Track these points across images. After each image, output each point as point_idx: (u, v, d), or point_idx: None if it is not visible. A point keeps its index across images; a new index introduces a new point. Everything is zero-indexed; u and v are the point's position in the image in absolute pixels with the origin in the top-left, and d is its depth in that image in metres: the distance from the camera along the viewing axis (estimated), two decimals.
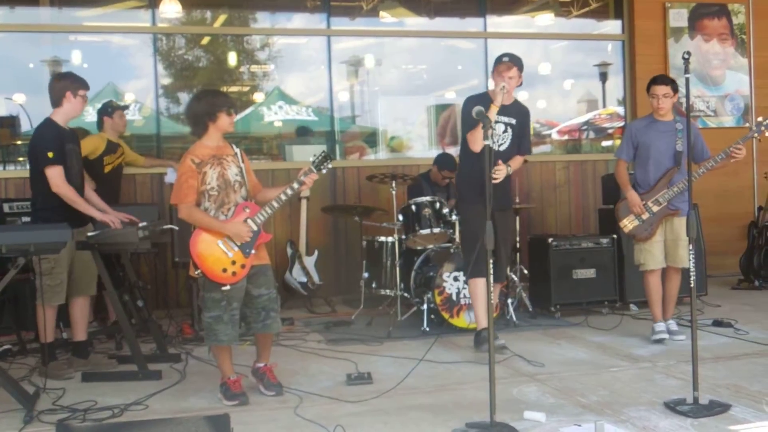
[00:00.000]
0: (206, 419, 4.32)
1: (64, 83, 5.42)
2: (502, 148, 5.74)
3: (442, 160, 7.72)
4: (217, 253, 4.63)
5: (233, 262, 4.64)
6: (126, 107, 7.42)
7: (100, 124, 7.01)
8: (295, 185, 4.75)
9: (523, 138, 5.88)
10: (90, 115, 7.84)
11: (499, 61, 5.70)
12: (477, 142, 5.57)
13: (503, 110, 5.64)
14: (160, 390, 4.99)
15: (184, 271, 7.03)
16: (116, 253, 6.12)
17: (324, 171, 4.81)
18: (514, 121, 5.78)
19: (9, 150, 8.10)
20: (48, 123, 5.42)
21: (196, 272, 4.66)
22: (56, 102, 5.42)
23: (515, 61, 5.67)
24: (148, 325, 6.16)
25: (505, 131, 5.76)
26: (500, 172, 5.61)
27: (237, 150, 4.87)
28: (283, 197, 4.75)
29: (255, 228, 4.70)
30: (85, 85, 5.47)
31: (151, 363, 5.49)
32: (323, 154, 4.79)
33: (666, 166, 6.05)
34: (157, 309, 7.23)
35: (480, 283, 5.62)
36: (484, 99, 5.57)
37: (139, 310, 6.23)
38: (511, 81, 5.62)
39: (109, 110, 6.99)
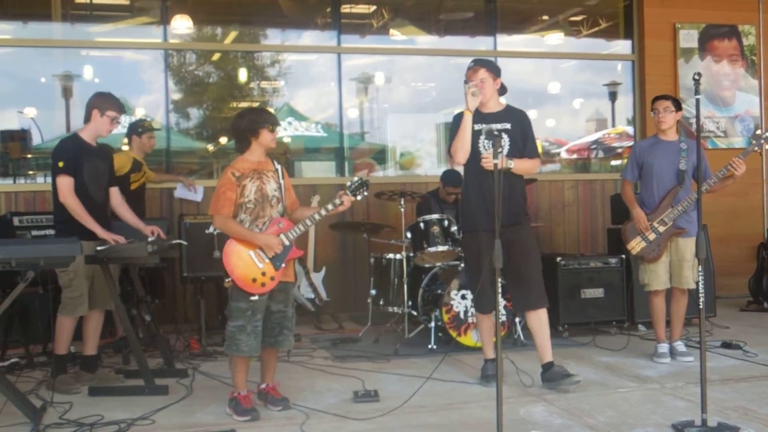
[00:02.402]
0: None
1: (95, 101, 5.53)
2: None
3: (447, 176, 7.74)
4: (248, 263, 4.71)
5: (263, 273, 4.72)
6: (157, 129, 7.48)
7: (129, 140, 7.10)
8: (330, 206, 4.85)
9: (525, 141, 5.39)
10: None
11: (467, 69, 5.41)
12: (457, 151, 5.32)
13: (493, 117, 5.34)
14: (167, 405, 4.98)
15: (193, 285, 7.06)
16: (125, 267, 6.14)
17: (359, 197, 4.91)
18: (508, 126, 5.34)
19: (19, 164, 8.14)
20: (71, 136, 5.62)
21: (227, 280, 4.74)
22: (85, 118, 5.55)
23: (481, 63, 5.38)
24: (156, 339, 6.17)
25: None
26: (487, 159, 5.13)
27: (278, 167, 4.98)
28: (317, 216, 4.86)
29: (287, 243, 4.79)
30: (115, 107, 5.53)
31: (158, 378, 5.48)
32: (360, 180, 4.90)
33: (669, 185, 6.03)
34: (164, 324, 7.23)
35: (483, 318, 5.48)
36: (474, 113, 5.31)
37: (147, 325, 6.23)
38: (484, 84, 5.29)
39: (139, 130, 7.08)
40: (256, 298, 4.70)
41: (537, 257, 5.47)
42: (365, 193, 4.92)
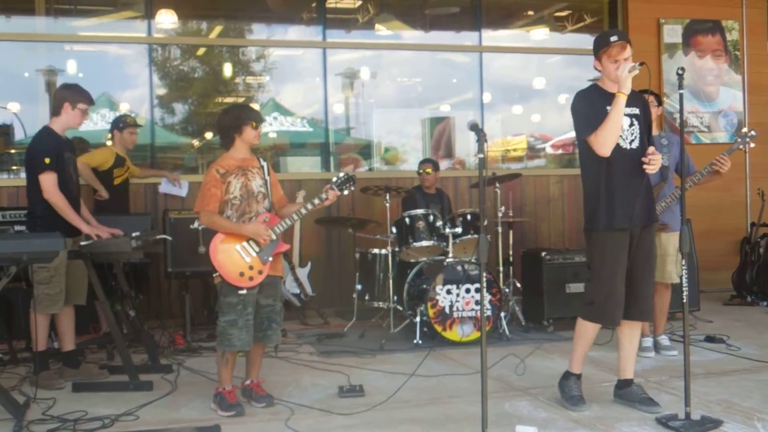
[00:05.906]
0: (197, 430, 4.33)
1: (65, 93, 5.47)
2: (633, 146, 4.59)
3: (420, 162, 8.00)
4: (235, 258, 4.72)
5: (251, 267, 4.73)
6: (139, 126, 7.45)
7: (111, 135, 7.10)
8: (316, 201, 4.87)
9: (649, 130, 4.73)
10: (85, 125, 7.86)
11: (605, 43, 4.65)
12: (607, 142, 4.45)
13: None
14: (151, 401, 4.98)
15: (177, 281, 7.03)
16: (109, 262, 6.10)
17: (345, 192, 4.93)
18: (637, 111, 4.64)
19: (3, 158, 8.09)
20: (46, 131, 5.46)
21: (215, 275, 4.76)
22: (55, 110, 5.47)
23: (626, 38, 4.66)
24: (140, 335, 6.15)
25: (631, 125, 4.60)
26: (656, 161, 4.53)
27: (264, 163, 4.99)
28: (303, 211, 4.89)
29: (274, 237, 4.79)
30: (86, 100, 5.48)
31: (143, 373, 5.47)
32: (346, 175, 4.92)
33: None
34: (149, 319, 7.21)
35: (591, 328, 4.73)
36: (597, 93, 4.67)
37: (131, 320, 6.21)
38: (627, 63, 4.56)
39: (120, 125, 7.09)
40: (244, 291, 4.70)
41: (655, 265, 4.90)
42: (352, 188, 4.94)
